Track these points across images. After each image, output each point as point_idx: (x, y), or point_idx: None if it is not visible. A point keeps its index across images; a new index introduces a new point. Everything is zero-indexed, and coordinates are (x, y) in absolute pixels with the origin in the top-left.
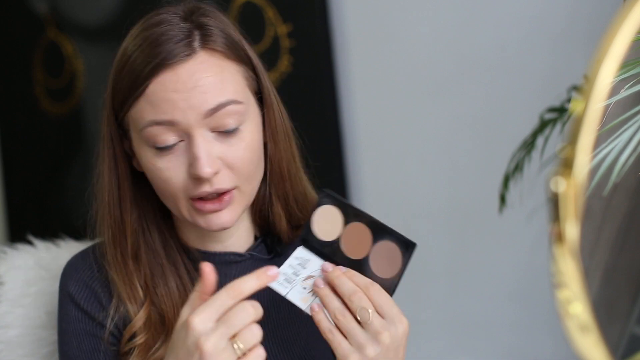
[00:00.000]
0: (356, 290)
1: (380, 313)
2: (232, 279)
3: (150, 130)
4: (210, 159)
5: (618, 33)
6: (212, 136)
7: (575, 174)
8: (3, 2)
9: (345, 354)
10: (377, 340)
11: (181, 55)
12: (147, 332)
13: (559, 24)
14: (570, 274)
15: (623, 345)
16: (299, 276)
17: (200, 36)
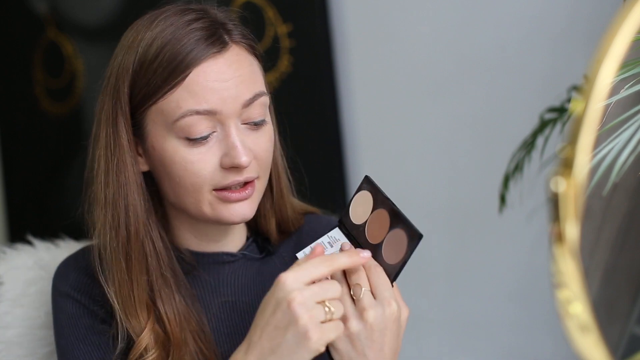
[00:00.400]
0: (357, 271)
1: (374, 294)
2: (225, 279)
3: (187, 120)
4: (245, 147)
5: (618, 33)
6: (243, 127)
7: (575, 174)
8: (3, 2)
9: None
10: (362, 316)
11: (219, 46)
12: (157, 347)
13: (559, 24)
14: (570, 274)
15: (623, 345)
16: (326, 252)
17: (229, 31)
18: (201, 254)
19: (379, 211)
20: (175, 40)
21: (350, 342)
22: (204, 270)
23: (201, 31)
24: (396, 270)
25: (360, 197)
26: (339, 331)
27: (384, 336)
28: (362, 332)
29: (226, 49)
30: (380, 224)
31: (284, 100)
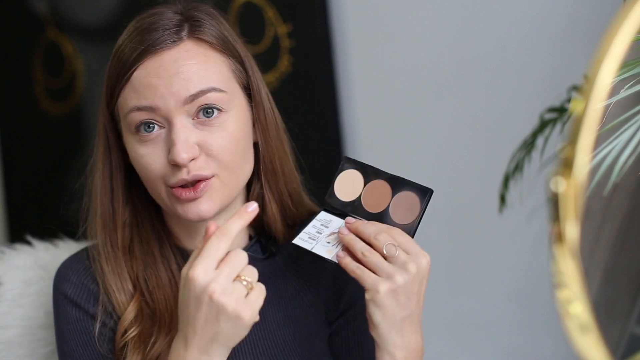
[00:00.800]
0: (381, 230)
1: (404, 249)
2: None
3: (132, 116)
4: (187, 144)
5: (618, 33)
6: (191, 123)
7: (575, 174)
8: (3, 2)
9: (374, 283)
10: (405, 269)
11: (167, 42)
12: (139, 325)
13: (559, 24)
14: (570, 274)
15: (623, 345)
16: (322, 234)
17: (189, 26)
18: None
19: (373, 183)
20: (128, 40)
21: (394, 296)
22: None
23: (153, 31)
24: (415, 226)
25: (344, 177)
26: (263, 294)
27: (421, 286)
28: (408, 284)
29: (174, 45)
30: (380, 193)
31: (284, 100)
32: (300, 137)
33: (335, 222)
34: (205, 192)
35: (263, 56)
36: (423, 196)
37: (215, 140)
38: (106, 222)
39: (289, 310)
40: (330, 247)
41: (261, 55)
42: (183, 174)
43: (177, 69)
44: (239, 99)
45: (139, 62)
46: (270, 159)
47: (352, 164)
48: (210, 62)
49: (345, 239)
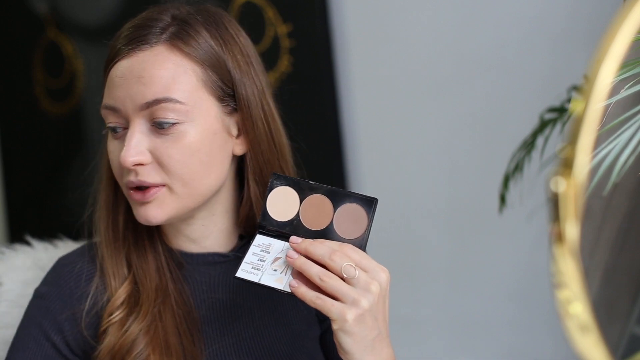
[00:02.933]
0: (334, 250)
1: (362, 268)
2: (217, 278)
3: (103, 112)
4: (135, 149)
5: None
6: (149, 129)
7: (575, 174)
8: (3, 2)
9: (341, 312)
10: (369, 291)
11: (142, 44)
12: (124, 309)
13: (559, 24)
14: (570, 274)
15: (623, 345)
16: (265, 261)
17: (173, 31)
18: (190, 254)
19: (310, 198)
20: (118, 36)
21: (363, 321)
22: (195, 271)
23: (137, 30)
24: (365, 240)
25: (276, 195)
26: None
27: (385, 302)
28: (373, 305)
29: (148, 48)
30: (320, 209)
31: (284, 100)
32: (300, 137)
33: (277, 245)
34: (155, 199)
35: (263, 56)
36: (369, 207)
37: (166, 151)
38: (109, 208)
39: (279, 310)
40: (279, 275)
41: (261, 56)
42: (131, 177)
43: (139, 72)
44: (207, 110)
45: (115, 60)
46: (261, 169)
47: (283, 181)
48: (178, 70)
49: (296, 264)
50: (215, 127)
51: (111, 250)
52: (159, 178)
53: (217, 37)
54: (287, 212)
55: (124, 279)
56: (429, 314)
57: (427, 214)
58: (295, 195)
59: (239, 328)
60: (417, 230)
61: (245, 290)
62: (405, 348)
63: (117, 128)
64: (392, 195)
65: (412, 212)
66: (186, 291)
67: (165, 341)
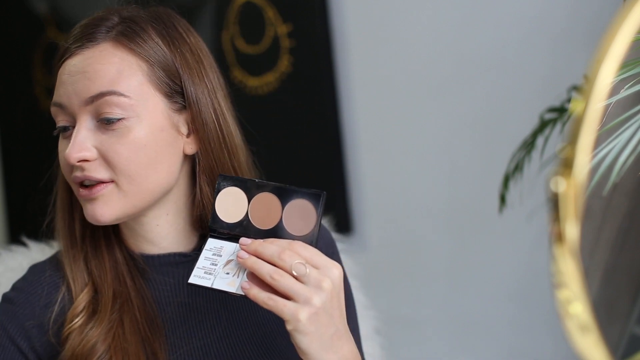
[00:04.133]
0: (283, 248)
1: (313, 264)
2: (180, 279)
3: (52, 111)
4: (81, 145)
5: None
6: (95, 125)
7: (575, 174)
8: (3, 2)
9: (294, 312)
10: (321, 288)
11: (86, 42)
12: (85, 314)
13: (559, 24)
14: (570, 274)
15: (623, 345)
16: (217, 265)
17: (118, 29)
18: (150, 256)
19: (258, 197)
20: (65, 40)
21: (317, 319)
22: (158, 273)
23: (80, 30)
24: (315, 236)
25: (224, 196)
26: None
27: (340, 298)
28: (327, 302)
29: (94, 45)
30: (268, 207)
31: (284, 100)
32: (300, 137)
33: (228, 247)
34: (101, 196)
35: (263, 56)
36: (316, 201)
37: (112, 147)
38: (65, 214)
39: (247, 310)
40: (232, 279)
41: (261, 55)
42: (77, 172)
43: (84, 68)
44: (153, 106)
45: (62, 59)
46: (211, 168)
47: (230, 181)
48: (123, 65)
49: (247, 264)
50: (162, 124)
51: (70, 257)
52: (106, 174)
53: (165, 35)
54: (236, 213)
55: (84, 285)
56: (429, 314)
57: (427, 214)
58: (243, 195)
59: (206, 331)
60: (417, 230)
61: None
62: (405, 348)
63: (68, 127)
64: (392, 195)
65: (412, 212)
66: (148, 296)
67: (125, 348)
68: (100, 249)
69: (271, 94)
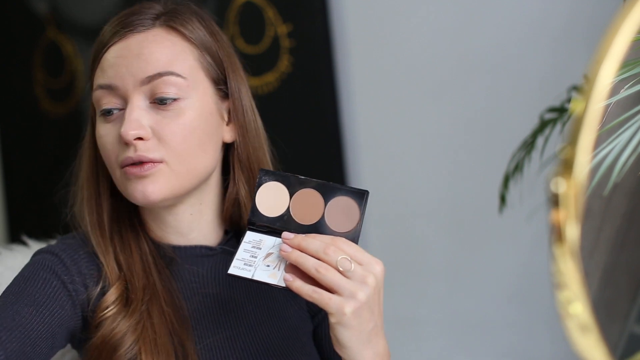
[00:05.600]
0: (328, 244)
1: (357, 261)
2: (205, 272)
3: (96, 94)
4: (136, 123)
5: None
6: (148, 105)
7: (575, 174)
8: (3, 2)
9: (339, 305)
10: (365, 283)
11: (138, 27)
12: (117, 305)
13: (559, 24)
14: (570, 274)
15: (623, 345)
16: (257, 257)
17: (166, 17)
18: (177, 247)
19: (300, 192)
20: (108, 25)
21: (360, 314)
22: (184, 264)
23: (131, 16)
24: (358, 233)
25: (265, 191)
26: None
27: (380, 294)
28: (370, 298)
29: (144, 30)
30: (310, 203)
31: (284, 100)
32: (300, 137)
33: (268, 240)
34: (152, 174)
35: (263, 56)
36: (360, 199)
37: (167, 126)
38: (93, 206)
39: (272, 305)
40: (272, 271)
41: (261, 55)
42: (130, 152)
43: (139, 50)
44: (203, 90)
45: (110, 43)
46: (248, 156)
47: (272, 176)
48: (176, 49)
49: (291, 257)
50: (211, 108)
51: (103, 248)
52: (158, 154)
53: (207, 27)
54: (277, 207)
55: (117, 277)
56: (428, 313)
57: (427, 214)
58: (285, 190)
59: (232, 323)
60: (417, 230)
61: (235, 284)
62: (405, 348)
63: (113, 110)
64: (392, 195)
65: (412, 212)
66: (175, 289)
67: (154, 340)
68: (128, 241)
69: (271, 94)
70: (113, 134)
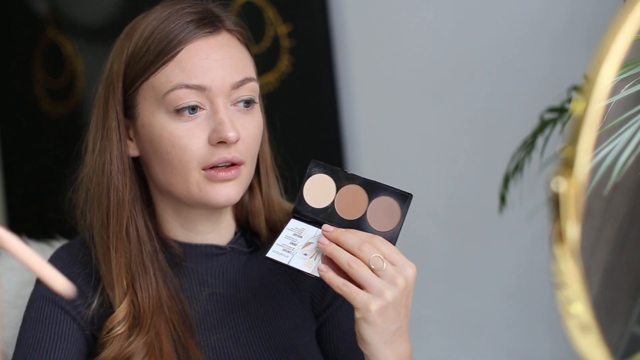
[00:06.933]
0: (364, 240)
1: (390, 261)
2: (213, 271)
3: (176, 93)
4: (234, 125)
5: (618, 33)
6: (232, 109)
7: (575, 174)
8: (3, 2)
9: (365, 302)
10: (395, 284)
11: (210, 28)
12: (126, 322)
13: (559, 24)
14: (570, 274)
15: (623, 345)
16: (296, 245)
17: (218, 19)
18: (189, 244)
19: (347, 187)
20: (168, 21)
21: (385, 313)
22: (193, 262)
23: (194, 15)
24: (396, 234)
25: (313, 182)
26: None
27: (409, 297)
28: (397, 299)
29: (217, 32)
30: (355, 199)
31: (284, 100)
32: (300, 137)
33: (309, 230)
34: (237, 178)
35: (263, 56)
36: (403, 201)
37: (249, 129)
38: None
39: (275, 303)
40: (309, 260)
41: (261, 55)
42: (224, 153)
43: (223, 54)
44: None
45: (188, 41)
46: (264, 155)
47: (322, 169)
48: (244, 55)
49: (327, 250)
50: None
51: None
52: (243, 156)
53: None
54: (323, 199)
55: (124, 293)
56: (428, 313)
57: (427, 214)
58: (332, 184)
59: (236, 321)
60: (417, 230)
61: (241, 283)
62: None
63: (197, 107)
64: None
65: (412, 212)
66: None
67: (160, 349)
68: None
69: (271, 94)
70: (197, 135)
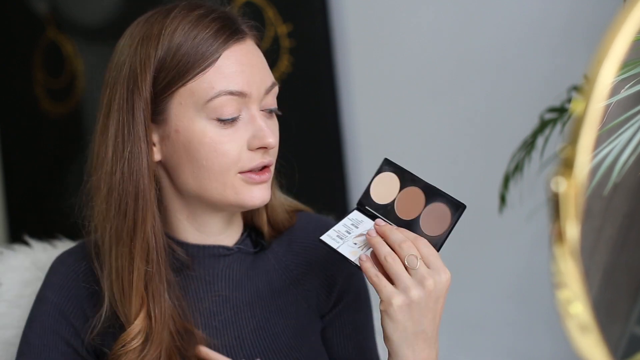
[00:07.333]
0: (406, 239)
1: (426, 263)
2: (220, 273)
3: (220, 100)
4: (271, 131)
5: (618, 33)
6: (261, 114)
7: (575, 174)
8: (3, 2)
9: (389, 295)
10: (422, 284)
11: (240, 34)
12: (142, 337)
13: (559, 24)
14: (570, 274)
15: (623, 345)
16: (350, 234)
17: (249, 28)
18: (198, 246)
19: (409, 189)
20: (201, 26)
21: (408, 311)
22: (199, 264)
23: (220, 21)
24: (442, 240)
25: (382, 179)
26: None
27: (437, 303)
28: (422, 299)
29: (245, 38)
30: (413, 201)
31: (284, 100)
32: (300, 137)
33: (366, 223)
34: (268, 179)
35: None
36: (455, 210)
37: (275, 133)
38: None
39: (280, 304)
40: (356, 249)
41: None
42: (263, 158)
43: (255, 59)
44: None
45: (226, 47)
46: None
47: (392, 168)
48: (265, 60)
49: (371, 241)
50: None
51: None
52: (273, 158)
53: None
54: (386, 196)
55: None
56: None
57: None
58: (397, 183)
59: (241, 322)
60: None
61: (246, 284)
62: None
63: (238, 117)
64: None
65: None
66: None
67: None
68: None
69: None
70: (237, 140)
